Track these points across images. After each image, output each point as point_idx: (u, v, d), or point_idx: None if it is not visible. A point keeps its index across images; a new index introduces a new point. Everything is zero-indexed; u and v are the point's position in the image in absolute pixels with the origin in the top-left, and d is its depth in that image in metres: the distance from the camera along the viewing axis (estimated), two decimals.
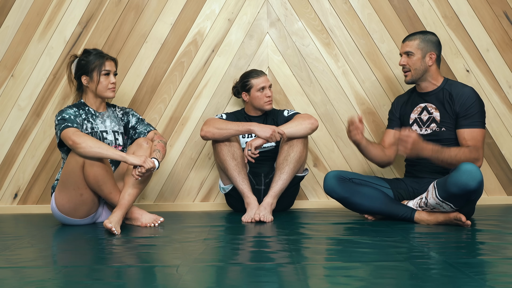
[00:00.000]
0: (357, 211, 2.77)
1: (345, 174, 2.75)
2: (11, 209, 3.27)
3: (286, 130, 2.85)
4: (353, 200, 2.71)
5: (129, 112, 2.91)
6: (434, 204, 2.53)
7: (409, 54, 2.74)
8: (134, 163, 2.55)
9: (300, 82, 3.30)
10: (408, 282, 1.67)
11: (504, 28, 3.28)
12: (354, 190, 2.70)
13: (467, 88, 2.73)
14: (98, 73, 2.72)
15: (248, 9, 3.29)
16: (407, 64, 2.75)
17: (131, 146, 2.77)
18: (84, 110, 2.76)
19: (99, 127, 2.77)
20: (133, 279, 1.76)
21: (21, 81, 3.25)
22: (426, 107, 2.78)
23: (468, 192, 2.40)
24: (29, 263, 2.01)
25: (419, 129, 2.77)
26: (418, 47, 2.73)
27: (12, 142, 3.26)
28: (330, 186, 2.72)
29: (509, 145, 3.31)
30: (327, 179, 2.73)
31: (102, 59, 2.74)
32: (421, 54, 2.73)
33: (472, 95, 2.68)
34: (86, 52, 2.77)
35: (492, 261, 1.91)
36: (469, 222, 2.50)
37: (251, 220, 2.76)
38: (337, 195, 2.72)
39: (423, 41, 2.74)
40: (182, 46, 3.28)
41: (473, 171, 2.38)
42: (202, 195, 3.33)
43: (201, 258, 2.00)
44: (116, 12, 3.26)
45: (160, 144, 2.76)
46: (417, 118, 2.80)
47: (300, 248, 2.15)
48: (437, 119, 2.73)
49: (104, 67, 2.72)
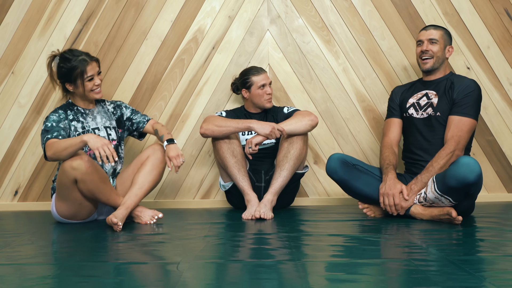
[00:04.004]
0: (355, 195, 2.77)
1: (350, 159, 2.76)
2: (11, 206, 3.28)
3: (286, 127, 2.84)
4: (352, 183, 2.71)
5: (121, 104, 2.90)
6: (433, 199, 2.53)
7: (433, 42, 2.77)
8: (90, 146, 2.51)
9: (301, 79, 3.30)
10: (409, 279, 1.67)
11: (505, 25, 3.27)
12: (355, 175, 2.71)
13: (469, 79, 2.76)
14: (82, 80, 2.67)
15: (248, 6, 3.28)
16: (430, 50, 2.77)
17: (146, 150, 2.79)
18: (72, 110, 2.75)
19: (90, 125, 2.75)
20: (134, 276, 1.76)
21: (22, 78, 3.25)
22: (427, 93, 2.81)
23: (467, 185, 2.40)
24: (30, 260, 2.01)
25: (415, 113, 2.79)
26: (442, 37, 2.78)
27: (12, 140, 3.26)
28: (332, 167, 2.72)
29: (509, 142, 3.30)
30: (330, 160, 2.73)
31: (83, 65, 2.65)
32: (443, 45, 2.78)
33: (471, 85, 2.71)
34: (65, 59, 2.67)
35: (492, 258, 1.91)
36: (460, 217, 2.48)
37: (251, 217, 2.76)
38: (338, 176, 2.71)
39: (446, 34, 2.80)
40: (183, 43, 3.28)
41: (471, 164, 2.38)
42: (203, 192, 3.33)
43: (202, 255, 2.00)
44: (117, 9, 3.26)
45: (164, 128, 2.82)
46: (415, 103, 2.82)
47: (300, 245, 2.16)
48: (434, 103, 2.75)
49: (87, 74, 2.66)
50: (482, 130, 3.28)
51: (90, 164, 2.49)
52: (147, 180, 2.70)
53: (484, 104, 3.26)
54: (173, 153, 2.66)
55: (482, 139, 3.29)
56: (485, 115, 3.28)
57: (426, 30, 2.81)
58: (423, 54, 2.78)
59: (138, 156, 2.82)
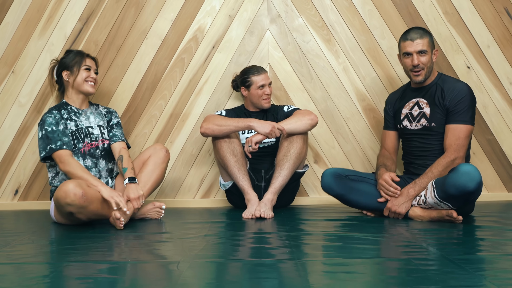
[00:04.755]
0: (354, 207, 2.80)
1: (342, 171, 2.79)
2: (11, 206, 3.28)
3: (286, 126, 2.85)
4: (349, 198, 2.75)
5: (113, 112, 2.93)
6: (433, 203, 2.53)
7: (422, 53, 2.67)
8: (105, 196, 2.51)
9: (301, 79, 3.30)
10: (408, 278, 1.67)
11: (505, 25, 3.27)
12: (350, 187, 2.73)
13: (459, 83, 2.69)
14: (78, 67, 2.75)
15: (248, 6, 3.28)
16: (420, 63, 2.68)
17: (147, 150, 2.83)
18: (66, 109, 2.76)
19: (83, 124, 2.77)
20: (134, 275, 1.76)
21: (22, 78, 3.25)
22: (418, 102, 2.76)
23: (467, 194, 2.39)
24: (30, 259, 2.01)
25: (410, 124, 2.77)
26: (429, 44, 2.69)
27: (12, 139, 3.26)
28: (327, 184, 2.75)
29: (509, 142, 3.30)
30: (324, 177, 2.76)
31: (82, 56, 2.78)
32: (431, 52, 2.70)
33: (462, 91, 2.64)
34: (67, 52, 2.83)
35: (492, 257, 1.91)
36: (461, 217, 2.49)
37: (251, 217, 2.76)
38: (334, 192, 2.75)
39: (430, 38, 2.71)
40: (183, 42, 3.28)
41: (471, 173, 2.36)
42: (203, 191, 3.34)
43: (202, 254, 2.00)
44: (117, 9, 3.26)
45: (130, 161, 2.75)
46: (408, 114, 2.79)
47: (300, 244, 2.16)
48: (427, 114, 2.71)
49: (85, 62, 2.77)
50: (482, 130, 3.28)
51: (84, 199, 2.41)
52: (150, 180, 2.73)
53: (484, 103, 3.27)
54: (133, 195, 2.61)
55: (482, 138, 3.29)
56: (485, 114, 3.28)
57: (413, 41, 2.67)
58: (415, 68, 2.69)
59: (139, 156, 2.82)
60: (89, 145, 2.74)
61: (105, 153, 2.80)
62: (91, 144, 2.75)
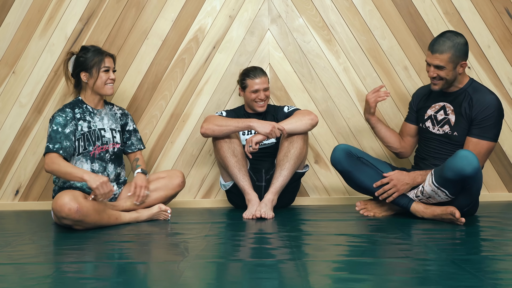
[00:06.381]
0: (356, 188, 2.77)
1: (355, 151, 2.78)
2: (12, 206, 3.28)
3: (286, 126, 2.85)
4: (355, 175, 2.72)
5: (128, 115, 2.92)
6: (430, 192, 2.52)
7: (438, 68, 2.59)
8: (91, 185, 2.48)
9: (301, 79, 3.30)
10: (410, 278, 1.67)
11: (505, 25, 3.27)
12: (359, 167, 2.72)
13: (490, 96, 2.61)
14: (98, 69, 2.70)
15: (249, 6, 3.28)
16: (437, 75, 2.62)
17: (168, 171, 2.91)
18: (81, 108, 2.75)
19: (97, 125, 2.75)
20: (135, 276, 1.76)
21: (22, 78, 3.25)
22: (444, 106, 2.72)
23: (464, 178, 2.38)
24: (31, 259, 2.01)
25: (432, 127, 2.74)
26: (449, 60, 2.57)
27: (13, 139, 3.26)
28: (337, 158, 2.74)
29: (510, 142, 3.30)
30: (335, 151, 2.75)
31: (101, 55, 2.72)
32: (451, 67, 2.59)
33: (491, 106, 2.57)
34: (85, 49, 2.75)
35: (493, 258, 1.91)
36: (463, 219, 2.47)
37: (252, 217, 2.76)
38: (342, 167, 2.73)
39: (454, 54, 2.56)
40: (183, 42, 3.28)
41: (469, 157, 2.37)
42: (203, 191, 3.34)
43: (202, 255, 2.00)
44: (117, 9, 3.26)
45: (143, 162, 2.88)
46: (432, 116, 2.76)
47: (301, 245, 2.16)
48: (451, 121, 2.67)
49: (104, 64, 2.71)
50: None
51: (78, 214, 2.41)
52: (154, 197, 2.79)
53: None
54: (140, 182, 2.71)
55: None
56: None
57: (432, 54, 2.59)
58: (432, 79, 2.65)
59: (157, 173, 2.91)
60: (100, 149, 2.73)
61: (114, 157, 2.79)
62: (101, 148, 2.74)
